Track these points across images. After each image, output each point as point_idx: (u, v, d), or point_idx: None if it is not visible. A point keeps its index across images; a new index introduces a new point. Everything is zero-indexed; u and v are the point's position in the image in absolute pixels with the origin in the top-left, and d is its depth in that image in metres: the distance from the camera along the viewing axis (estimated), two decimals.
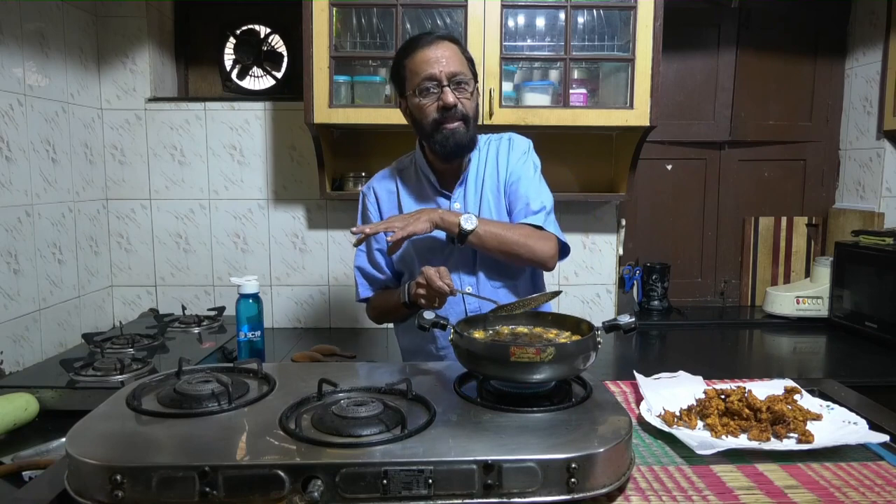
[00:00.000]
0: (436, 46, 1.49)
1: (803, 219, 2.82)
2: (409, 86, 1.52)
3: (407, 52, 1.52)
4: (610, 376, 1.92)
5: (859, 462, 1.02)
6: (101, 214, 2.50)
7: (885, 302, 2.28)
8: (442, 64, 1.47)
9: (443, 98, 1.47)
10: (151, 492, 0.83)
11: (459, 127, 1.50)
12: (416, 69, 1.49)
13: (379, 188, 1.69)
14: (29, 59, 2.04)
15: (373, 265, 1.69)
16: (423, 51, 1.48)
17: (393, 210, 1.66)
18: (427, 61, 1.47)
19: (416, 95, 1.50)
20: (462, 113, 1.50)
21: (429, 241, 1.59)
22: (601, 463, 0.88)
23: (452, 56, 1.49)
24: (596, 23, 2.23)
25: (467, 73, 1.51)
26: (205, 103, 2.51)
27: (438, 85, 1.48)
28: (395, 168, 1.71)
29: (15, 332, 1.98)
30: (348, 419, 0.94)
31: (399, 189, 1.66)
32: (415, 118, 1.55)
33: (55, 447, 1.33)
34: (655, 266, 2.72)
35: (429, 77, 1.47)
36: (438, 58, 1.47)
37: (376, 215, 1.68)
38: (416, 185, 1.65)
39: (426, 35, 1.52)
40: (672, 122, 2.73)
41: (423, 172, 1.64)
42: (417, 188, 1.65)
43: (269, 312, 2.56)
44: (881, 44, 2.55)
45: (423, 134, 1.56)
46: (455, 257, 1.59)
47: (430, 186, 1.63)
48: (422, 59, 1.48)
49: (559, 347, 1.04)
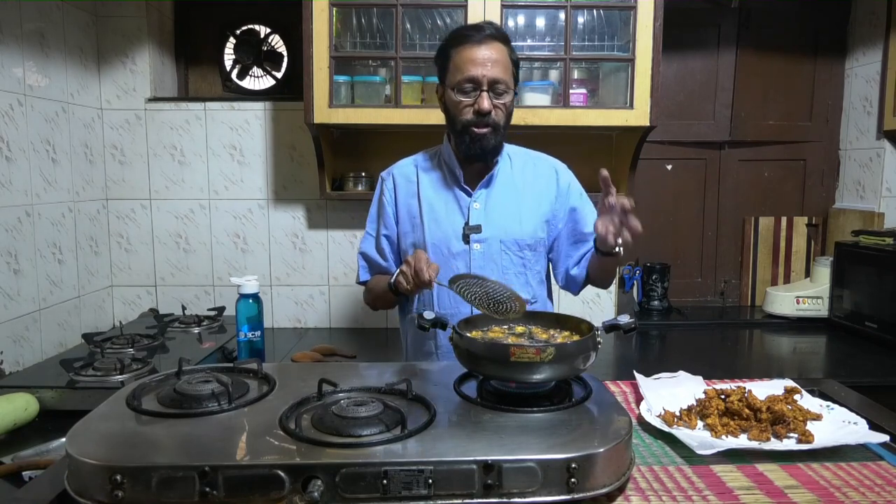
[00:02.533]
0: (485, 46, 1.47)
1: (803, 219, 2.82)
2: (450, 79, 1.51)
3: (455, 44, 1.50)
4: (610, 376, 1.92)
5: (859, 462, 1.02)
6: (101, 214, 2.50)
7: (885, 302, 2.27)
8: (486, 68, 1.46)
9: (479, 103, 1.47)
10: (151, 492, 0.83)
11: (488, 133, 1.50)
12: (459, 65, 1.48)
13: (398, 175, 1.68)
14: (29, 59, 2.04)
15: (378, 251, 1.70)
16: (471, 49, 1.47)
17: (410, 199, 1.65)
18: (472, 61, 1.46)
19: (454, 91, 1.50)
20: (494, 121, 1.49)
21: (446, 243, 1.59)
22: (601, 463, 0.88)
23: (498, 60, 1.48)
24: (596, 23, 2.23)
25: (509, 81, 1.50)
26: (205, 103, 2.51)
27: (477, 88, 1.47)
28: (418, 158, 1.70)
29: (15, 332, 1.98)
30: (348, 419, 0.94)
31: (419, 179, 1.65)
32: (448, 110, 1.55)
33: (55, 447, 1.33)
34: (655, 266, 2.72)
35: (470, 79, 1.47)
36: (484, 60, 1.46)
37: (391, 202, 1.67)
38: (439, 176, 1.64)
39: (478, 30, 1.50)
40: (672, 122, 2.73)
41: (449, 165, 1.63)
42: (439, 180, 1.64)
43: (269, 312, 2.56)
44: (881, 44, 2.55)
45: (452, 129, 1.57)
46: (469, 260, 1.58)
47: (454, 180, 1.62)
48: (468, 56, 1.47)
49: (559, 347, 1.04)
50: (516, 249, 1.60)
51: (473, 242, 1.58)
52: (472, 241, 1.58)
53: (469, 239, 1.57)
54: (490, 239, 1.58)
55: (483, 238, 1.58)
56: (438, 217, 1.60)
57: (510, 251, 1.60)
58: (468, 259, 1.58)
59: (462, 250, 1.58)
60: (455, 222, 1.59)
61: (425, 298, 1.63)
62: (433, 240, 1.59)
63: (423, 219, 1.61)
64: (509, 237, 1.59)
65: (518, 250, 1.60)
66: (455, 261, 1.58)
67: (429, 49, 2.21)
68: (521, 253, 1.60)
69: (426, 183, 1.64)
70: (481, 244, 1.58)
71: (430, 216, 1.61)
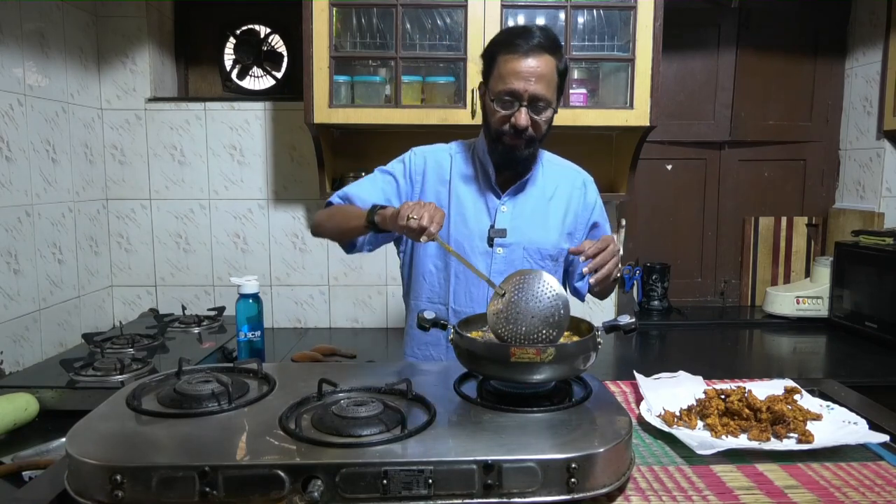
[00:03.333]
0: (532, 58, 1.41)
1: (803, 219, 2.82)
2: (492, 85, 1.47)
3: (503, 49, 1.44)
4: (610, 376, 1.92)
5: (859, 462, 1.02)
6: (101, 214, 2.50)
7: (885, 302, 2.27)
8: (530, 83, 1.41)
9: (516, 118, 1.43)
10: (151, 492, 0.83)
11: (521, 145, 1.47)
12: (503, 75, 1.43)
13: (431, 158, 1.62)
14: (29, 59, 2.04)
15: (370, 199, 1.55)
16: (517, 59, 1.41)
17: (440, 186, 1.59)
18: (517, 73, 1.41)
19: (494, 101, 1.46)
20: (530, 136, 1.46)
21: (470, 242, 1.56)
22: (601, 463, 0.88)
23: (544, 74, 1.42)
24: (596, 23, 2.23)
25: (551, 98, 1.45)
26: (205, 103, 2.51)
27: (517, 101, 1.43)
28: (453, 148, 1.65)
29: (15, 332, 1.98)
30: (348, 419, 0.94)
31: (452, 169, 1.60)
32: (486, 113, 1.52)
33: (55, 447, 1.33)
34: (655, 266, 2.72)
35: (511, 92, 1.42)
36: (529, 74, 1.40)
37: (418, 180, 1.60)
38: (471, 171, 1.60)
39: (527, 37, 1.42)
40: (672, 122, 2.73)
41: (483, 163, 1.59)
42: (471, 175, 1.60)
43: (269, 312, 2.56)
44: (881, 44, 2.55)
45: (486, 132, 1.54)
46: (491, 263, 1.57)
47: (486, 179, 1.59)
48: (513, 68, 1.41)
49: (559, 348, 1.04)
50: (538, 258, 1.58)
51: (497, 246, 1.55)
52: (496, 245, 1.55)
53: (493, 242, 1.55)
54: (514, 245, 1.56)
55: (507, 243, 1.55)
56: (466, 214, 1.57)
57: (532, 259, 1.58)
58: (489, 262, 1.56)
59: (484, 252, 1.56)
60: (481, 222, 1.57)
61: (440, 291, 1.60)
62: (457, 235, 1.57)
63: (450, 211, 1.58)
64: (533, 245, 1.57)
65: (540, 259, 1.58)
66: (476, 261, 1.55)
67: (429, 49, 2.22)
68: (543, 262, 1.58)
69: (458, 175, 1.60)
70: (504, 248, 1.56)
71: (457, 210, 1.57)
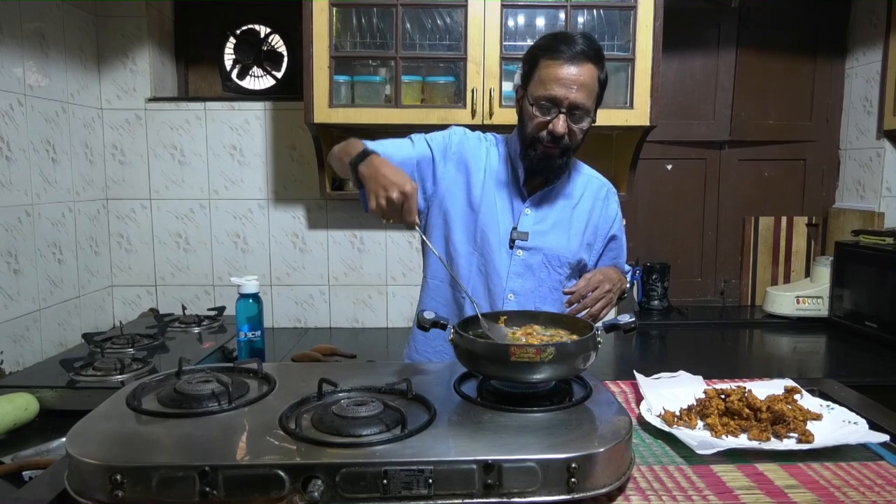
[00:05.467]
0: (575, 66, 1.39)
1: (803, 218, 2.82)
2: (532, 90, 1.45)
3: (545, 54, 1.42)
4: (610, 376, 1.92)
5: (859, 462, 1.02)
6: (101, 214, 2.50)
7: (885, 301, 2.27)
8: (572, 91, 1.39)
9: (554, 125, 1.41)
10: (151, 492, 0.83)
11: (556, 153, 1.46)
12: (545, 80, 1.41)
13: (468, 144, 1.57)
14: (29, 59, 2.04)
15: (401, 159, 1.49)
16: (561, 66, 1.39)
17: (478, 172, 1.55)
18: (558, 80, 1.39)
19: (532, 106, 1.44)
20: (565, 144, 1.45)
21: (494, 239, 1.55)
22: (601, 463, 0.88)
23: (586, 83, 1.40)
24: (596, 22, 2.23)
25: (590, 107, 1.44)
26: (205, 103, 2.51)
27: (556, 108, 1.41)
28: (490, 140, 1.62)
29: (15, 332, 1.98)
30: (348, 419, 0.94)
31: (486, 162, 1.58)
32: (522, 117, 1.50)
33: (55, 447, 1.33)
34: (655, 266, 2.72)
35: (551, 98, 1.41)
36: (571, 81, 1.39)
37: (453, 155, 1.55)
38: (503, 168, 1.58)
39: (571, 44, 1.40)
40: (672, 122, 2.73)
41: (514, 163, 1.57)
42: (502, 172, 1.57)
43: (270, 312, 2.56)
44: (881, 43, 2.55)
45: (521, 136, 1.51)
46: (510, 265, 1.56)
47: (515, 178, 1.56)
48: (555, 74, 1.39)
49: (559, 347, 1.04)
50: (557, 265, 1.57)
51: (517, 248, 1.54)
52: (517, 247, 1.54)
53: (514, 244, 1.54)
54: (534, 250, 1.55)
55: (528, 247, 1.54)
56: (495, 209, 1.56)
57: (551, 265, 1.56)
58: (508, 263, 1.55)
59: (505, 252, 1.55)
60: (505, 222, 1.55)
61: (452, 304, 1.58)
62: (485, 227, 1.54)
63: (482, 201, 1.55)
64: (553, 252, 1.56)
65: (559, 266, 1.57)
66: (497, 259, 1.54)
67: (429, 49, 2.22)
68: (561, 269, 1.57)
69: (490, 170, 1.58)
70: (525, 252, 1.54)
71: (488, 202, 1.55)
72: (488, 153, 1.59)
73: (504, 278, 1.55)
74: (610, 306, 1.46)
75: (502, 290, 1.54)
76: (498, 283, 1.54)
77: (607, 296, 1.44)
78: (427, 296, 1.62)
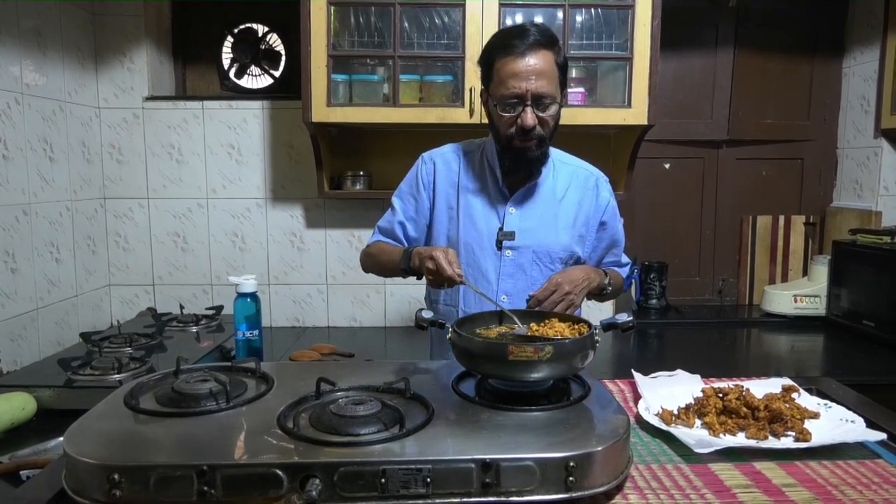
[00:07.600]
0: (530, 56, 1.39)
1: (801, 217, 2.83)
2: (493, 91, 1.45)
3: (499, 53, 1.43)
4: (608, 375, 1.92)
5: (857, 460, 1.02)
6: (99, 213, 2.49)
7: (882, 300, 2.28)
8: (531, 82, 1.39)
9: (522, 119, 1.41)
10: (149, 491, 0.83)
11: (532, 145, 1.46)
12: (503, 79, 1.41)
13: (440, 161, 1.62)
14: (26, 58, 2.03)
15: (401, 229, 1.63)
16: (515, 61, 1.39)
17: (449, 188, 1.59)
18: (516, 75, 1.39)
19: (497, 106, 1.45)
20: (538, 134, 1.44)
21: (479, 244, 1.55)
22: (599, 462, 0.88)
23: (544, 71, 1.40)
24: (594, 22, 2.23)
25: (554, 93, 1.43)
26: (203, 102, 2.51)
27: (521, 103, 1.41)
28: (461, 149, 1.64)
29: (12, 332, 1.98)
30: (346, 418, 0.94)
31: (461, 170, 1.59)
32: (491, 119, 1.50)
33: (53, 446, 1.33)
34: (653, 265, 2.72)
35: (514, 95, 1.41)
36: (529, 73, 1.39)
37: (429, 186, 1.60)
38: (479, 173, 1.59)
39: (522, 37, 1.41)
40: (670, 121, 2.73)
41: (491, 165, 1.58)
42: (479, 177, 1.59)
43: (268, 311, 2.56)
44: (878, 43, 2.55)
45: (495, 138, 1.52)
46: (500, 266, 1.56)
47: (494, 180, 1.57)
48: (512, 70, 1.40)
49: (557, 346, 1.04)
50: (548, 261, 1.56)
51: (505, 249, 1.54)
52: (505, 248, 1.54)
53: (502, 245, 1.54)
54: (523, 248, 1.55)
55: (516, 246, 1.54)
56: (475, 216, 1.56)
57: (542, 262, 1.56)
58: (498, 264, 1.55)
59: (493, 255, 1.55)
60: (490, 224, 1.55)
61: (451, 294, 1.60)
62: (467, 237, 1.56)
63: (459, 213, 1.57)
64: (542, 248, 1.55)
65: (550, 262, 1.57)
66: (485, 263, 1.55)
67: (427, 48, 2.22)
68: (553, 265, 1.57)
69: (466, 176, 1.59)
70: (513, 251, 1.55)
71: (466, 212, 1.56)
72: (461, 161, 1.61)
73: (495, 281, 1.55)
74: (573, 307, 1.43)
75: (494, 292, 1.54)
76: (489, 287, 1.54)
77: (567, 298, 1.41)
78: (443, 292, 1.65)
